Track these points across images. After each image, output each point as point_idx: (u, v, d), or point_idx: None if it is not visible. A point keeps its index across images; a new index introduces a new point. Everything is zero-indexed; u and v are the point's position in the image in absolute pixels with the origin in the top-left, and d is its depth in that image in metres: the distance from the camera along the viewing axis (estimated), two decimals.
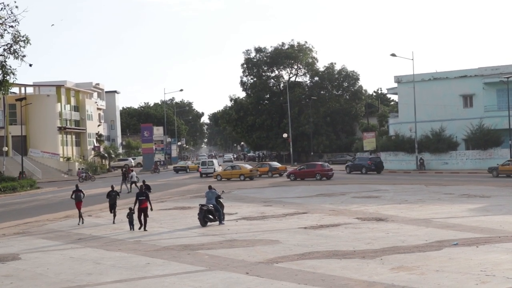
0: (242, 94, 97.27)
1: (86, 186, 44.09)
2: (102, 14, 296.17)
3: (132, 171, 45.60)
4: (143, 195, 21.99)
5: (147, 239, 19.27)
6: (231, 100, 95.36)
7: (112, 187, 25.29)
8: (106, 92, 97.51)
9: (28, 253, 17.49)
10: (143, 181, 25.67)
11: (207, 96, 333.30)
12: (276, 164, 57.63)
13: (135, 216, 21.91)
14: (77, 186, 26.02)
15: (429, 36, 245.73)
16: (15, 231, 23.06)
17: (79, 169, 66.76)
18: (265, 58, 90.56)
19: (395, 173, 54.21)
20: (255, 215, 24.71)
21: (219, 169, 57.43)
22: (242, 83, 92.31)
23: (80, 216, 24.57)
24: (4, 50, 30.65)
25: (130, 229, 21.67)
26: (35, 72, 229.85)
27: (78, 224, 24.00)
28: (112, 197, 24.61)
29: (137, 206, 21.90)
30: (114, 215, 24.46)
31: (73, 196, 25.16)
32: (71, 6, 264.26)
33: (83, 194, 25.31)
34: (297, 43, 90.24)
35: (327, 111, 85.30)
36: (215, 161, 63.50)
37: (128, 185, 42.09)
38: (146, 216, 21.71)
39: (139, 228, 21.53)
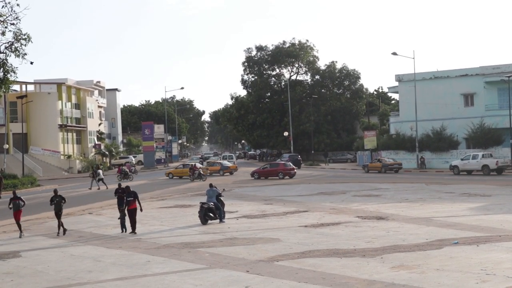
0: (243, 92, 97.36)
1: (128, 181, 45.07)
2: (103, 12, 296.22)
3: (99, 168, 46.77)
4: (131, 196, 20.49)
5: (147, 237, 19.27)
6: (232, 98, 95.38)
7: (55, 191, 21.32)
8: (107, 90, 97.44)
9: (28, 251, 17.51)
10: (119, 184, 22.97)
11: (208, 94, 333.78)
12: (227, 163, 60.52)
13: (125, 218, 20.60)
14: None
15: (430, 35, 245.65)
16: (15, 229, 23.01)
17: (128, 163, 68.14)
18: (266, 57, 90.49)
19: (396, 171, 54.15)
20: (256, 213, 24.72)
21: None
22: (243, 81, 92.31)
23: (20, 228, 20.74)
24: (6, 48, 30.60)
25: (122, 231, 20.51)
26: (36, 70, 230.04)
27: (20, 237, 20.27)
28: (57, 204, 20.73)
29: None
30: (59, 226, 20.70)
31: (11, 206, 21.07)
32: (72, 4, 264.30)
33: (24, 202, 21.21)
34: (298, 41, 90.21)
35: (328, 110, 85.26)
36: (234, 155, 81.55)
37: (96, 183, 43.17)
38: (134, 218, 20.32)
39: (130, 232, 20.12)
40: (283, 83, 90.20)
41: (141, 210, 20.71)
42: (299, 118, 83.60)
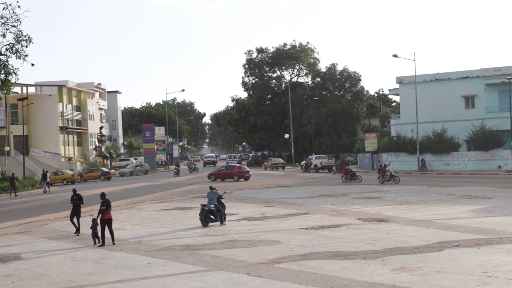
0: (243, 95, 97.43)
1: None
2: (104, 14, 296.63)
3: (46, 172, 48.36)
4: (104, 204, 18.55)
5: (148, 239, 19.25)
6: (232, 101, 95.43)
7: None
8: (108, 92, 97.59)
9: (29, 253, 17.50)
10: (73, 190, 22.12)
11: (208, 97, 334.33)
12: (105, 169, 66.18)
13: (99, 228, 18.60)
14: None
15: (431, 37, 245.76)
16: (16, 231, 23.06)
17: (188, 160, 71.58)
18: (266, 59, 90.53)
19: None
20: (257, 215, 24.70)
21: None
22: (244, 84, 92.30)
23: None
24: (6, 49, 30.61)
25: (94, 243, 18.56)
26: (37, 72, 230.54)
27: None
28: None
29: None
30: None
31: None
32: (73, 5, 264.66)
33: None
34: (299, 43, 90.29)
35: (329, 112, 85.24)
36: (237, 155, 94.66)
37: (45, 186, 45.14)
38: (110, 227, 18.48)
39: (100, 245, 18.14)
40: (283, 85, 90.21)
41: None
42: (299, 120, 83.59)
